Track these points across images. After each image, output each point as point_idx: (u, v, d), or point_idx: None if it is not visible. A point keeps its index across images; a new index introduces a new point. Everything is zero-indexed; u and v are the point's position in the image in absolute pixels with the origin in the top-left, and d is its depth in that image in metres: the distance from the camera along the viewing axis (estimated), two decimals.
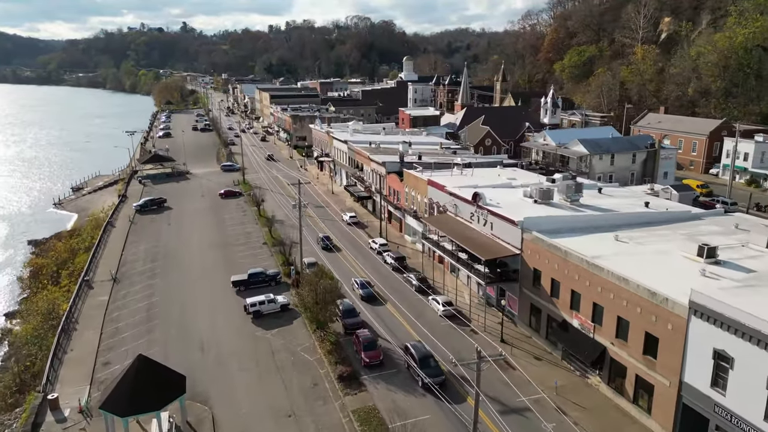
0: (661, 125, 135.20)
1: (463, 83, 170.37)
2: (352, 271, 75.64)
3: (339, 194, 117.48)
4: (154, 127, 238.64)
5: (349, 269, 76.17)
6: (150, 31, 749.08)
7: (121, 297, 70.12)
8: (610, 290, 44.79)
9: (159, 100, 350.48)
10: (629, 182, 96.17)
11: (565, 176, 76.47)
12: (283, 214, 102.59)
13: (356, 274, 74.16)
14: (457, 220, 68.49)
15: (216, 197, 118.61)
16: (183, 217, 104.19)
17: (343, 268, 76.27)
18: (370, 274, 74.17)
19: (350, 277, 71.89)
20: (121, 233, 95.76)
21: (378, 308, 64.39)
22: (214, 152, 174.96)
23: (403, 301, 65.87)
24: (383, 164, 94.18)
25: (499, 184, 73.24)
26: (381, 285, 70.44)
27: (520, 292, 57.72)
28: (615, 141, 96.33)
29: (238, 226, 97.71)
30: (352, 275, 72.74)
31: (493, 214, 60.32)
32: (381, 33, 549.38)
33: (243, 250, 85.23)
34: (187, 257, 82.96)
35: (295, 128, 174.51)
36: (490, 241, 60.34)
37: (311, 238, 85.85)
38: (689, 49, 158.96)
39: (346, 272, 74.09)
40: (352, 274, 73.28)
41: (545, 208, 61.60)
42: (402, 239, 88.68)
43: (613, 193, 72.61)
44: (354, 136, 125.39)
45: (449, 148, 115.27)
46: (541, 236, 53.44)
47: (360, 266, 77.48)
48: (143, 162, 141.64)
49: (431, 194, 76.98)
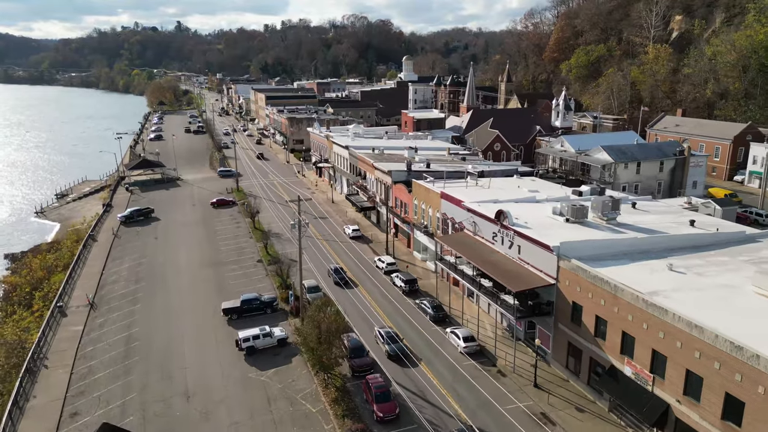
0: (680, 129, 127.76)
1: (469, 84, 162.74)
2: (373, 313, 62.40)
3: (339, 204, 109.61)
4: (145, 129, 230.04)
5: (369, 309, 63.79)
6: (144, 31, 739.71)
7: (97, 327, 62.10)
8: (677, 337, 37.11)
9: (152, 101, 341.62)
10: (656, 192, 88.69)
11: (594, 189, 69.30)
12: (280, 226, 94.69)
13: (379, 319, 60.72)
14: (476, 240, 60.76)
15: (208, 206, 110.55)
16: (171, 230, 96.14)
17: (360, 309, 63.27)
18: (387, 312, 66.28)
19: (369, 321, 63.79)
20: (102, 249, 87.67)
21: (408, 370, 51.15)
22: (207, 156, 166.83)
23: (417, 333, 58.09)
24: (389, 173, 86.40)
25: (522, 198, 65.52)
26: (392, 312, 62.68)
27: (555, 328, 50.02)
28: (641, 148, 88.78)
29: (231, 240, 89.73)
30: (372, 317, 61.08)
31: (522, 237, 52.58)
32: (378, 32, 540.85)
33: (236, 269, 77.27)
34: (173, 278, 74.96)
35: (291, 131, 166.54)
36: (519, 267, 52.62)
37: (314, 265, 78.05)
38: (706, 48, 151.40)
39: (364, 315, 61.77)
40: (374, 319, 60.76)
41: (579, 229, 53.96)
42: (410, 256, 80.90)
43: (648, 207, 65.05)
44: (355, 140, 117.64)
45: (457, 154, 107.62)
46: (583, 266, 45.72)
47: (381, 306, 63.85)
48: (131, 168, 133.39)
49: (445, 209, 69.23)
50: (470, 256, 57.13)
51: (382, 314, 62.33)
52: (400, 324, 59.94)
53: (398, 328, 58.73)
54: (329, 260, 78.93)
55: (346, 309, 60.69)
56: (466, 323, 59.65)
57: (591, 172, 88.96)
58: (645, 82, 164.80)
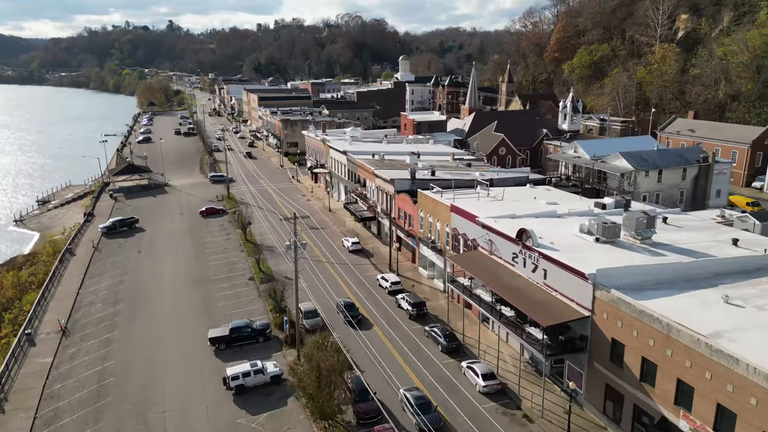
0: (694, 132, 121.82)
1: (471, 85, 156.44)
2: (394, 367, 50.81)
3: (337, 212, 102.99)
4: (133, 131, 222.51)
5: (376, 343, 56.15)
6: (135, 30, 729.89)
7: (68, 359, 55.32)
8: (751, 392, 30.86)
9: (142, 101, 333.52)
10: (678, 202, 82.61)
11: (618, 202, 63.07)
12: (274, 238, 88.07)
13: (405, 377, 49.21)
14: (493, 260, 54.37)
15: (196, 215, 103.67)
16: (156, 242, 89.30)
17: (367, 342, 54.56)
18: (408, 358, 59.67)
19: (375, 357, 57.35)
20: (81, 264, 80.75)
21: None
22: (197, 160, 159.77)
23: (428, 367, 51.60)
24: (391, 182, 79.91)
25: (542, 212, 59.13)
26: (398, 340, 56.24)
27: (590, 367, 43.69)
28: (662, 154, 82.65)
29: (221, 254, 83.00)
30: (394, 371, 50.01)
31: (550, 260, 46.20)
32: (372, 32, 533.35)
33: (225, 288, 70.58)
34: (156, 299, 68.17)
35: (285, 134, 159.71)
36: (545, 295, 46.26)
37: (311, 284, 71.55)
38: (717, 48, 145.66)
39: (371, 350, 53.20)
40: (397, 375, 49.37)
41: (612, 251, 47.67)
42: (416, 273, 74.43)
43: (680, 222, 58.83)
44: (353, 145, 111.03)
45: (462, 159, 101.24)
46: (626, 298, 39.40)
47: (406, 360, 52.28)
48: (115, 173, 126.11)
49: (456, 223, 62.82)
50: (488, 280, 50.74)
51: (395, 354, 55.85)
52: (409, 356, 53.45)
53: (406, 361, 52.29)
54: (328, 279, 72.39)
55: (350, 345, 54.08)
56: (483, 354, 53.26)
57: (608, 181, 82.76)
58: (652, 82, 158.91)
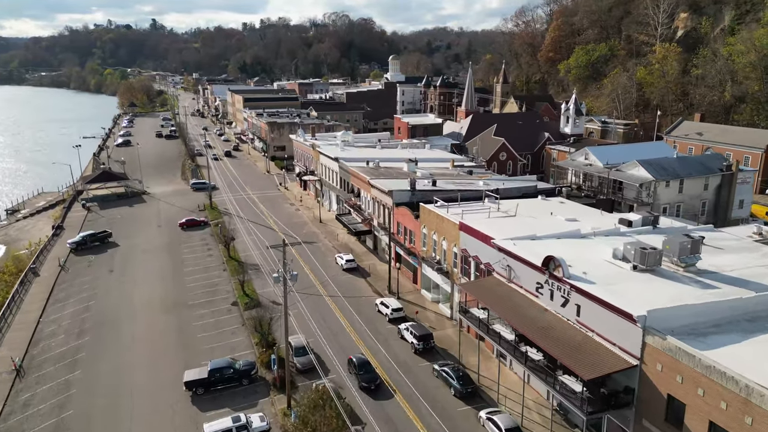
0: (702, 136, 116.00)
1: (467, 86, 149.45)
2: (400, 417, 43.83)
3: (328, 223, 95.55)
4: (112, 134, 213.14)
5: (394, 410, 44.60)
6: (117, 28, 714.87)
7: (19, 408, 47.46)
8: None
9: (123, 102, 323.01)
10: (699, 214, 76.27)
11: (646, 219, 56.31)
12: (260, 254, 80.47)
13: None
14: (512, 290, 47.35)
15: (176, 227, 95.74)
16: (130, 259, 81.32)
17: (382, 419, 43.73)
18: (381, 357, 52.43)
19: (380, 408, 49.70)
20: (45, 286, 72.67)
21: None
22: (179, 165, 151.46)
23: (441, 415, 44.45)
24: (389, 193, 72.71)
25: (565, 232, 52.16)
26: (405, 382, 49.06)
27: (637, 424, 36.78)
28: (682, 162, 76.18)
29: (201, 273, 75.26)
30: (401, 425, 42.79)
31: (586, 295, 39.25)
32: (360, 31, 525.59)
33: (206, 315, 62.93)
34: (127, 328, 60.37)
35: (272, 137, 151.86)
36: (580, 336, 39.30)
37: (299, 318, 64.09)
38: (722, 48, 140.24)
39: (384, 419, 43.36)
40: (406, 429, 42.55)
41: (653, 282, 40.88)
42: (418, 295, 67.24)
43: (718, 242, 52.20)
44: (345, 150, 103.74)
45: (463, 166, 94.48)
46: (689, 349, 32.48)
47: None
48: (89, 181, 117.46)
49: (466, 243, 55.77)
50: (509, 315, 43.70)
51: (402, 402, 48.61)
52: (418, 403, 46.24)
53: (416, 412, 45.09)
54: (320, 305, 65.02)
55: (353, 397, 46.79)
56: (503, 399, 46.21)
57: (624, 191, 76.15)
58: (653, 83, 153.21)
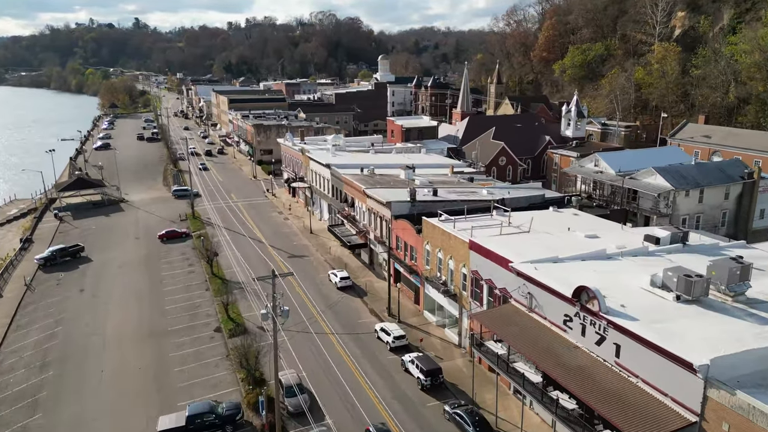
0: (709, 139, 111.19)
1: (463, 87, 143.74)
2: None
3: (320, 234, 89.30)
4: (91, 137, 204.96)
5: None
6: (99, 27, 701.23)
7: None
8: None
9: (104, 103, 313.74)
10: (719, 225, 71.08)
11: (675, 235, 50.68)
12: (245, 271, 74.00)
13: None
14: (535, 321, 41.53)
15: (155, 240, 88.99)
16: (104, 277, 74.52)
17: None
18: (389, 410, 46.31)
19: None
20: (7, 308, 65.72)
21: None
22: (161, 170, 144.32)
23: None
24: (388, 205, 66.66)
25: (590, 253, 46.34)
26: (410, 421, 43.00)
27: None
28: (701, 170, 70.91)
29: (182, 293, 68.70)
30: None
31: (628, 335, 33.48)
32: (347, 30, 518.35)
33: (185, 344, 56.48)
34: (96, 361, 53.73)
35: (258, 141, 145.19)
36: (623, 383, 33.50)
37: (291, 346, 57.77)
38: (724, 47, 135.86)
39: None
40: None
41: (703, 316, 35.36)
42: (421, 318, 61.22)
43: (756, 261, 46.70)
44: (336, 156, 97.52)
45: (463, 173, 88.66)
46: None
47: None
48: (62, 189, 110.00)
49: (477, 264, 49.84)
50: (534, 353, 37.86)
51: None
52: None
53: None
54: (314, 327, 58.77)
55: None
56: None
57: (640, 201, 70.68)
58: (653, 84, 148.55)
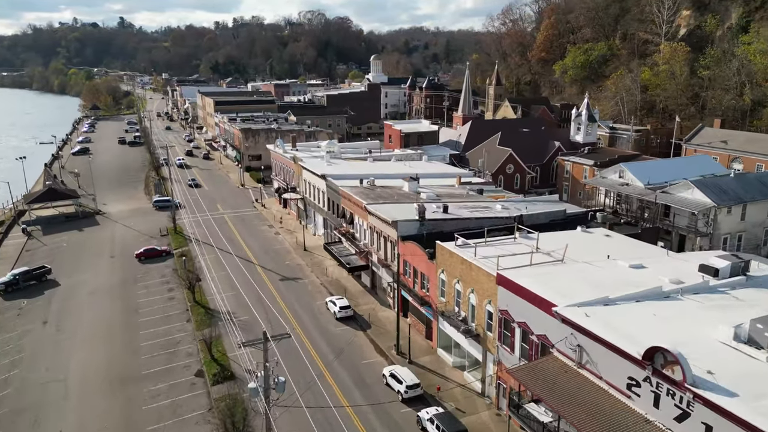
0: (727, 145, 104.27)
1: (465, 89, 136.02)
2: None
3: (315, 252, 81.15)
4: (70, 140, 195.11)
5: None
6: (83, 27, 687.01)
7: None
8: None
9: (86, 105, 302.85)
10: (761, 245, 63.82)
11: (735, 266, 43.16)
12: (232, 298, 65.73)
13: None
14: (588, 382, 33.77)
15: (131, 259, 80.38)
16: (71, 306, 65.88)
17: None
18: None
19: None
20: None
21: None
22: (143, 177, 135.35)
23: None
24: (393, 224, 58.70)
25: (644, 292, 38.63)
26: None
27: None
28: (741, 182, 63.50)
29: (160, 325, 60.29)
30: None
31: (731, 418, 25.79)
32: (337, 30, 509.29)
33: (161, 393, 48.10)
34: (53, 420, 45.24)
35: (246, 146, 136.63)
36: None
37: (285, 393, 49.70)
38: (735, 47, 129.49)
39: None
40: None
41: None
42: (435, 357, 53.30)
43: None
44: (332, 165, 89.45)
45: (471, 183, 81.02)
46: None
47: None
48: (30, 201, 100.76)
49: (507, 303, 41.98)
50: (593, 427, 30.07)
51: None
52: None
53: None
54: (313, 367, 50.66)
55: None
56: None
57: (675, 218, 63.23)
58: (660, 85, 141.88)
